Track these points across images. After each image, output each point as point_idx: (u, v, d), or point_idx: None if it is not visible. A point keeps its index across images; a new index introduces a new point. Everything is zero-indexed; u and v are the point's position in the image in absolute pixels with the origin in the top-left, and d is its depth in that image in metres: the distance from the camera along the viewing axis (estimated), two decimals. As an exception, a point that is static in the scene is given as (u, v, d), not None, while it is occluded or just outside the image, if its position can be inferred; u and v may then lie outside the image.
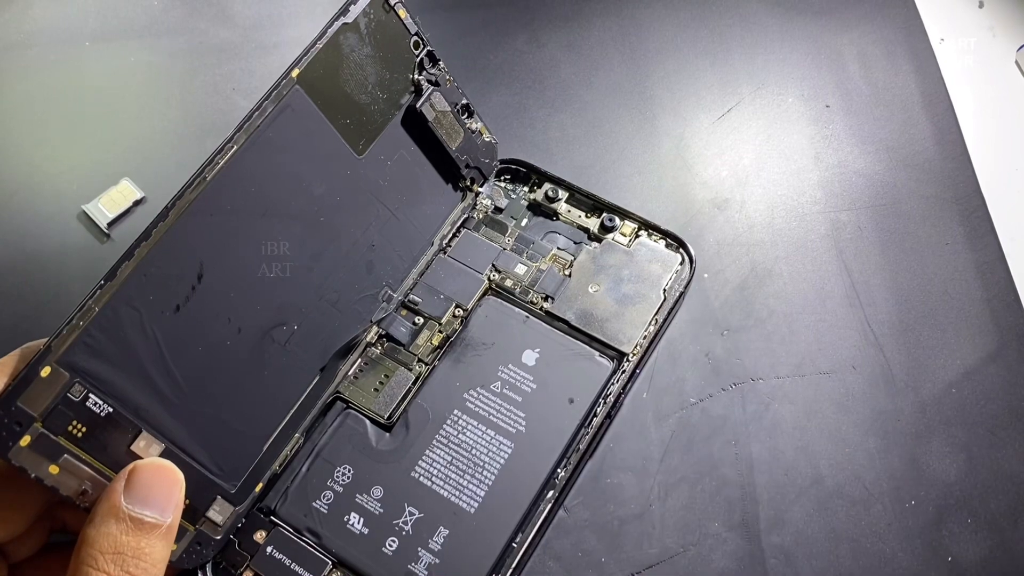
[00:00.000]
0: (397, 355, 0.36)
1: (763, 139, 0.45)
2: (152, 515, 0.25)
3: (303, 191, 0.32)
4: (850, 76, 0.47)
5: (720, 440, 0.37)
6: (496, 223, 0.40)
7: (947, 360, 0.39)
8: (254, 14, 0.49)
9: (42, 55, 0.47)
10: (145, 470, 0.26)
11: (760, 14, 0.49)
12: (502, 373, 0.35)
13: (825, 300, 0.40)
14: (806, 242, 0.42)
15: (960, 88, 0.47)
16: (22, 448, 0.25)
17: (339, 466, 0.34)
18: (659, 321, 0.36)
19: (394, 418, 0.35)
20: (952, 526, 0.36)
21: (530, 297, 0.37)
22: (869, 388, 0.38)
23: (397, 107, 0.35)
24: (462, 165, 0.38)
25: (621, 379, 0.35)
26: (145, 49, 0.47)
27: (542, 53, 0.48)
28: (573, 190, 0.40)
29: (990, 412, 0.38)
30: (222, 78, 0.46)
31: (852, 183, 0.44)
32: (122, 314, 0.27)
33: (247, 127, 0.29)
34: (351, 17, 0.32)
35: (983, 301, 0.40)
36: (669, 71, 0.47)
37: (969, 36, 0.49)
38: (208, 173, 0.29)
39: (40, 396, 0.26)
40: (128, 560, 0.24)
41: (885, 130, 0.45)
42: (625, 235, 0.39)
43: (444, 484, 0.33)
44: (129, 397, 0.28)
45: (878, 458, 0.37)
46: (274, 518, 0.33)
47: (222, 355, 0.31)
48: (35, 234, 0.42)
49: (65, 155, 0.44)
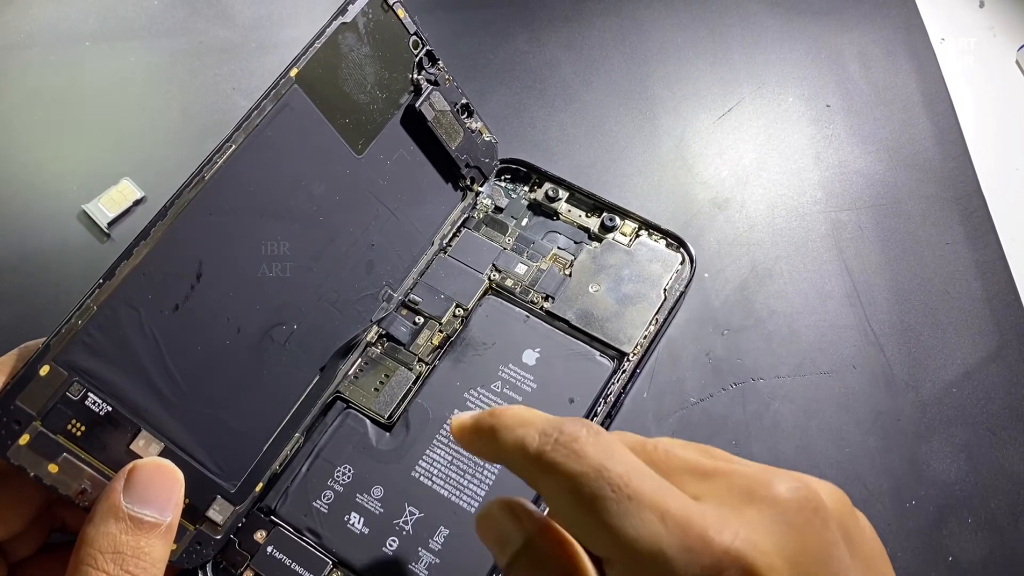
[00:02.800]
0: (397, 355, 0.36)
1: (763, 139, 0.45)
2: (152, 514, 0.25)
3: (302, 190, 0.32)
4: (850, 76, 0.47)
5: (721, 440, 0.37)
6: (496, 223, 0.40)
7: (947, 360, 0.39)
8: (254, 14, 0.49)
9: (42, 55, 0.47)
10: (144, 469, 0.26)
11: (760, 14, 0.49)
12: (502, 373, 0.35)
13: (825, 300, 0.40)
14: (807, 242, 0.42)
15: (960, 88, 0.47)
16: (21, 447, 0.25)
17: (339, 466, 0.34)
18: (659, 321, 0.36)
19: (394, 418, 0.35)
20: (952, 526, 0.36)
21: (530, 297, 0.37)
22: (869, 388, 0.38)
23: (396, 106, 0.35)
24: (462, 165, 0.38)
25: (621, 379, 0.35)
26: (145, 49, 0.47)
27: (542, 53, 0.48)
28: (573, 190, 0.40)
29: (990, 412, 0.38)
30: (222, 78, 0.46)
31: (852, 183, 0.43)
32: (121, 313, 0.27)
33: (246, 126, 0.29)
34: (350, 16, 0.32)
35: (983, 301, 0.40)
36: (669, 71, 0.47)
37: (969, 36, 0.49)
38: (207, 172, 0.29)
39: (39, 395, 0.26)
40: (128, 559, 0.24)
41: (885, 130, 0.45)
42: (625, 235, 0.39)
43: (444, 484, 0.33)
44: (128, 396, 0.28)
45: (878, 458, 0.37)
46: (274, 518, 0.33)
47: (221, 354, 0.31)
48: (35, 234, 0.42)
49: (65, 155, 0.44)
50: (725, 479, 0.20)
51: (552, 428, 0.20)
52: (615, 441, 0.20)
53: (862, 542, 0.20)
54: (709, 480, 0.20)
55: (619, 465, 0.19)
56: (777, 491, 0.19)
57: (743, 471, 0.20)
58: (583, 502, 0.19)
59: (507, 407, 0.23)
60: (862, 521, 0.21)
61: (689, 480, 0.20)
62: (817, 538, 0.19)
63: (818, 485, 0.20)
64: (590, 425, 0.20)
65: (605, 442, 0.20)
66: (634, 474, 0.19)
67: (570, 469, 0.19)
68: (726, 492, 0.19)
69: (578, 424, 0.20)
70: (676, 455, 0.21)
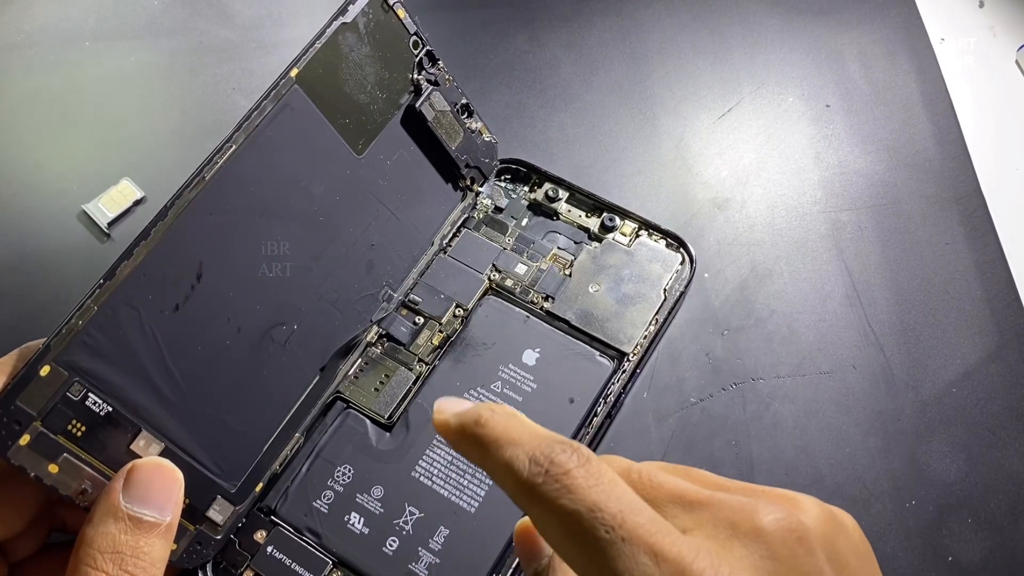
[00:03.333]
0: (397, 355, 0.36)
1: (763, 139, 0.45)
2: (151, 514, 0.25)
3: (302, 191, 0.32)
4: (850, 76, 0.47)
5: (721, 440, 0.37)
6: (496, 223, 0.40)
7: (947, 360, 0.39)
8: (254, 14, 0.49)
9: (42, 55, 0.47)
10: (144, 469, 0.26)
11: (760, 14, 0.49)
12: (502, 373, 0.35)
13: (825, 300, 0.40)
14: (806, 242, 0.42)
15: (960, 88, 0.47)
16: (21, 447, 0.25)
17: (339, 466, 0.34)
18: (659, 321, 0.36)
19: (394, 418, 0.35)
20: (952, 526, 0.36)
21: (530, 297, 0.37)
22: (869, 388, 0.38)
23: (396, 107, 0.35)
24: (462, 165, 0.38)
25: (621, 379, 0.35)
26: (145, 49, 0.47)
27: (542, 53, 0.48)
28: (573, 190, 0.40)
29: (990, 412, 0.38)
30: (222, 78, 0.46)
31: (852, 183, 0.43)
32: (121, 313, 0.27)
33: (246, 126, 0.29)
34: (350, 17, 0.32)
35: (983, 301, 0.40)
36: (669, 71, 0.47)
37: (969, 36, 0.49)
38: (207, 172, 0.29)
39: (39, 395, 0.26)
40: (127, 559, 0.24)
41: (885, 130, 0.45)
42: (625, 235, 0.39)
43: (444, 484, 0.33)
44: (128, 396, 0.28)
45: (878, 458, 0.37)
46: (274, 518, 0.33)
47: (222, 355, 0.31)
48: (35, 234, 0.42)
49: (65, 155, 0.44)
50: (711, 511, 0.20)
51: (542, 456, 0.20)
52: (606, 471, 0.20)
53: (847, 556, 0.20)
54: (695, 512, 0.20)
55: (612, 502, 0.19)
56: (762, 523, 0.19)
57: (728, 501, 0.20)
58: (575, 541, 0.19)
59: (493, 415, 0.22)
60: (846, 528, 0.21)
61: (676, 511, 0.20)
62: (803, 569, 0.19)
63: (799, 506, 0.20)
64: (580, 451, 0.20)
65: (596, 473, 0.19)
66: (628, 512, 0.19)
67: (562, 506, 0.19)
68: (712, 526, 0.20)
69: (568, 451, 0.20)
70: (662, 484, 0.21)
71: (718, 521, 0.20)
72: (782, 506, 0.20)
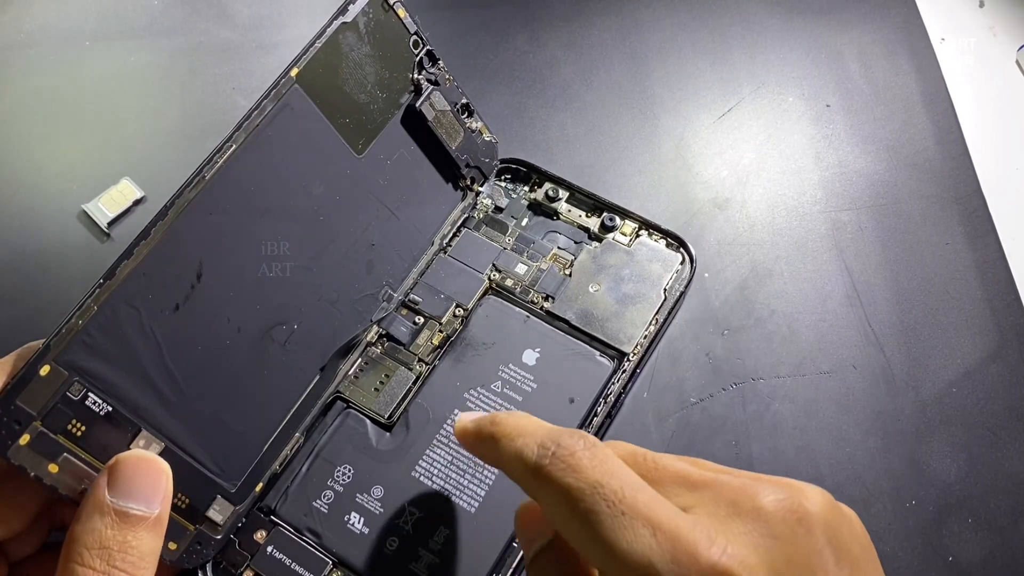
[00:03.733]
0: (397, 355, 0.36)
1: (763, 139, 0.45)
2: (138, 507, 0.25)
3: (302, 190, 0.32)
4: (850, 76, 0.47)
5: (721, 440, 0.37)
6: (496, 222, 0.40)
7: (947, 360, 0.39)
8: (254, 14, 0.49)
9: (42, 55, 0.47)
10: (127, 462, 0.26)
11: (760, 14, 0.49)
12: (503, 373, 0.35)
13: (825, 300, 0.40)
14: (807, 242, 0.42)
15: (960, 88, 0.47)
16: (21, 447, 0.25)
17: (339, 466, 0.34)
18: (659, 321, 0.36)
19: (394, 418, 0.35)
20: (952, 526, 0.36)
21: (530, 297, 0.37)
22: (869, 388, 0.38)
23: (397, 106, 0.35)
24: (462, 164, 0.38)
25: (621, 379, 0.35)
26: (145, 49, 0.47)
27: (542, 53, 0.48)
28: (573, 189, 0.40)
29: (990, 412, 0.38)
30: (222, 78, 0.46)
31: (852, 183, 0.43)
32: (121, 313, 0.27)
33: (246, 126, 0.29)
34: (350, 16, 0.32)
35: (983, 301, 0.40)
36: (669, 71, 0.47)
37: (969, 36, 0.49)
38: (207, 172, 0.29)
39: (39, 395, 0.26)
40: (115, 555, 0.24)
41: (886, 130, 0.45)
42: (625, 235, 0.39)
43: (444, 484, 0.33)
44: (128, 396, 0.28)
45: (878, 458, 0.37)
46: (274, 518, 0.33)
47: (222, 354, 0.31)
48: (35, 234, 0.42)
49: (65, 155, 0.44)
50: (713, 490, 0.21)
51: (550, 441, 0.21)
52: (610, 453, 0.21)
53: (850, 543, 0.21)
54: (698, 491, 0.21)
55: (614, 480, 0.20)
56: (762, 503, 0.20)
57: (730, 482, 0.21)
58: (579, 516, 0.20)
59: (508, 414, 0.23)
60: (849, 519, 0.21)
61: (679, 491, 0.21)
62: (802, 548, 0.19)
63: (802, 492, 0.21)
64: (586, 437, 0.21)
65: (601, 455, 0.20)
66: (628, 488, 0.20)
67: (566, 483, 0.20)
68: (713, 504, 0.20)
69: (575, 437, 0.21)
70: (666, 467, 0.22)
71: (719, 500, 0.20)
72: (784, 489, 0.20)
